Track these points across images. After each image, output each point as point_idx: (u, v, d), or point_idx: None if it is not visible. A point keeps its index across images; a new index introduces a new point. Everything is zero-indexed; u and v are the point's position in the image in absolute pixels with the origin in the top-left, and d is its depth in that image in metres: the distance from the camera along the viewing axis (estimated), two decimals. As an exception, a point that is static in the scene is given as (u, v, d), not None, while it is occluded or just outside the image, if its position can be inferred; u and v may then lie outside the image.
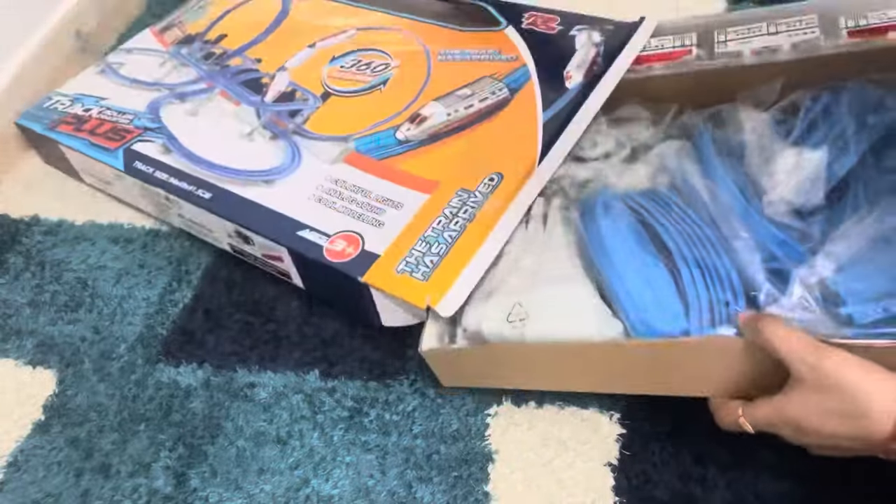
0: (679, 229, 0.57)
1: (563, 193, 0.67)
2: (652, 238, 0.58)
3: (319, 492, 0.59)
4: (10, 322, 0.74)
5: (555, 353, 0.56)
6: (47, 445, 0.65)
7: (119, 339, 0.71)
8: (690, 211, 0.58)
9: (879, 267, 0.52)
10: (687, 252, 0.56)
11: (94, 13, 1.02)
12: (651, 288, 0.55)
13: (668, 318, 0.53)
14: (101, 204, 0.84)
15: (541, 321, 0.56)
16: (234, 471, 0.61)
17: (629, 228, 0.59)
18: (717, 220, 0.57)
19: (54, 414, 0.67)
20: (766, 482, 0.56)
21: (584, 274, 0.58)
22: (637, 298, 0.55)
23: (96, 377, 0.69)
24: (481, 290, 0.61)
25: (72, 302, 0.75)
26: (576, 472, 0.58)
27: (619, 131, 0.69)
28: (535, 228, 0.65)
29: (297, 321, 0.71)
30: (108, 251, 0.79)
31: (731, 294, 0.53)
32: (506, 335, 0.57)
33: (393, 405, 0.64)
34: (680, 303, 0.54)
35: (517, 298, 0.58)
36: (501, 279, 0.61)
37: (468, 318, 0.60)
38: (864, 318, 0.50)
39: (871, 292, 0.50)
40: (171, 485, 0.61)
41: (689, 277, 0.54)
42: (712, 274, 0.54)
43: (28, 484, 0.63)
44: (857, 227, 0.53)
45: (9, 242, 0.81)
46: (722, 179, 0.60)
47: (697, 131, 0.65)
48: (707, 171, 0.61)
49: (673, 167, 0.63)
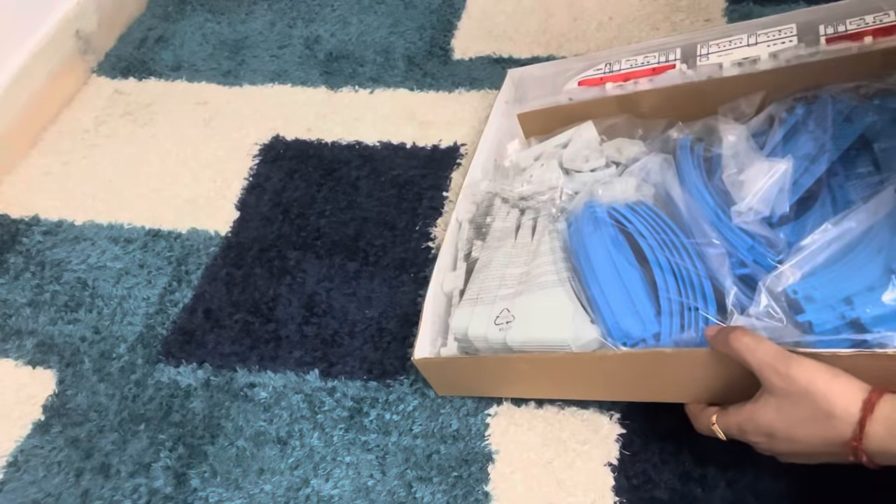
0: (657, 238, 0.59)
1: (552, 206, 0.68)
2: (632, 246, 0.60)
3: (319, 492, 0.59)
4: (10, 322, 0.74)
5: (536, 363, 0.58)
6: (47, 445, 0.65)
7: (119, 339, 0.71)
8: (669, 220, 0.60)
9: (839, 274, 0.53)
10: (662, 259, 0.58)
11: (94, 13, 1.02)
12: (627, 294, 0.57)
13: (641, 322, 0.55)
14: (101, 204, 0.84)
15: (523, 325, 0.58)
16: (234, 471, 0.61)
17: (611, 238, 0.60)
18: (692, 229, 0.59)
19: (54, 414, 0.67)
20: (766, 482, 0.56)
21: (567, 281, 0.60)
22: (613, 304, 0.57)
23: (96, 377, 0.69)
24: (470, 296, 0.64)
25: (72, 302, 0.75)
26: (576, 472, 0.58)
27: (611, 147, 0.72)
28: (524, 238, 0.67)
29: (296, 321, 0.71)
30: (108, 251, 0.79)
31: (701, 300, 0.55)
32: (490, 337, 0.59)
33: (393, 405, 0.64)
34: (653, 308, 0.56)
35: (505, 304, 0.61)
36: (491, 287, 0.64)
37: (457, 324, 0.62)
38: (823, 326, 0.51)
39: (831, 299, 0.52)
40: (171, 485, 0.61)
41: (663, 283, 0.56)
42: (685, 280, 0.56)
43: (28, 484, 0.63)
44: (820, 236, 0.55)
45: (9, 242, 0.81)
46: (697, 190, 0.62)
47: (678, 144, 0.67)
48: (684, 182, 0.63)
49: (656, 179, 0.65)
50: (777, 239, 0.58)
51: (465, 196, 0.73)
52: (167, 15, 1.10)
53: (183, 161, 0.88)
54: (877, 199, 0.55)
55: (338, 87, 0.95)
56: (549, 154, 0.74)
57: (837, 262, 0.54)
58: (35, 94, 0.93)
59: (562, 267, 0.61)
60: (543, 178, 0.70)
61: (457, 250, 0.70)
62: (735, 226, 0.58)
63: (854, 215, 0.55)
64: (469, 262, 0.69)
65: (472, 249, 0.70)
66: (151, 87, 0.99)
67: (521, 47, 0.94)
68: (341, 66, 0.98)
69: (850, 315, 0.51)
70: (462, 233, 0.71)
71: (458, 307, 0.64)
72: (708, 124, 0.67)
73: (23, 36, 0.92)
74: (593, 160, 0.70)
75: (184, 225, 0.80)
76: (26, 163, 0.90)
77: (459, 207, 0.72)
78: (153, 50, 1.04)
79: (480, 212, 0.72)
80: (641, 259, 0.59)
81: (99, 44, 1.04)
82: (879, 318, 0.51)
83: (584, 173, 0.70)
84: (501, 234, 0.68)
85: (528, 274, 0.62)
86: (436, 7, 1.02)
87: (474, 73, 0.91)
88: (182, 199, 0.83)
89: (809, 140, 0.62)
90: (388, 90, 0.93)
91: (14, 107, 0.90)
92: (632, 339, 0.55)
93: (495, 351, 0.59)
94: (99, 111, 0.97)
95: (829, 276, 0.53)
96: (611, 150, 0.71)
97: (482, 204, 0.73)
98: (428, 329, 0.63)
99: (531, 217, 0.68)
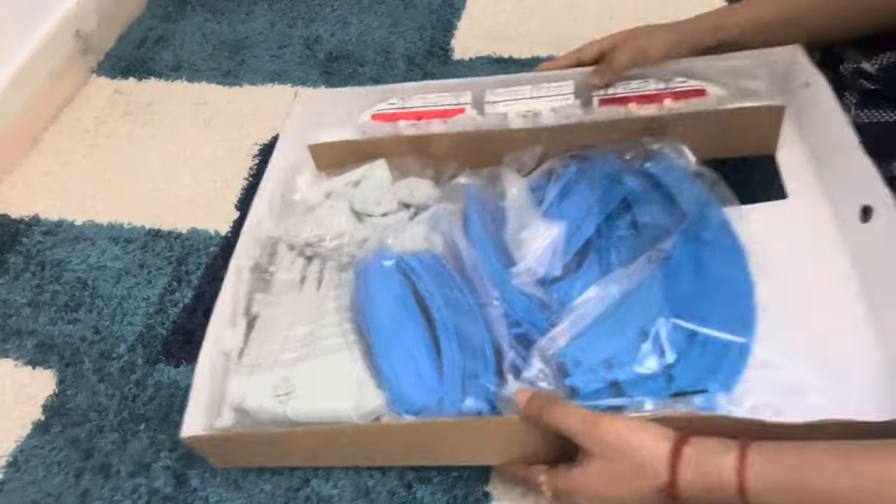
0: (444, 295, 0.60)
1: (339, 254, 0.67)
2: (419, 303, 0.60)
3: (319, 492, 0.59)
4: (10, 322, 0.74)
5: (319, 437, 0.57)
6: (47, 445, 0.65)
7: (119, 339, 0.71)
8: (457, 276, 0.61)
9: (601, 336, 0.56)
10: (449, 320, 0.58)
11: (94, 13, 1.02)
12: (411, 357, 0.57)
13: (424, 389, 0.55)
14: (101, 204, 0.84)
15: (302, 398, 0.56)
16: (234, 471, 0.61)
17: (398, 296, 0.61)
18: (475, 284, 0.60)
19: (54, 414, 0.67)
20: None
21: (354, 342, 0.59)
22: (397, 368, 0.57)
23: (96, 377, 0.69)
24: (249, 361, 0.61)
25: (72, 302, 0.75)
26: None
27: (403, 189, 0.71)
28: (309, 291, 0.65)
29: (297, 321, 0.71)
30: (108, 251, 0.79)
31: (482, 364, 0.56)
32: (269, 410, 0.57)
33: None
34: (437, 373, 0.56)
35: (286, 371, 0.58)
36: (271, 351, 0.61)
37: (233, 392, 0.59)
38: (587, 388, 0.54)
39: (593, 362, 0.54)
40: (171, 485, 0.61)
41: (448, 347, 0.57)
42: (468, 344, 0.57)
43: (28, 484, 0.63)
44: (585, 299, 0.58)
45: (9, 242, 0.81)
46: (482, 243, 0.64)
47: (467, 194, 0.68)
48: (469, 234, 0.64)
49: (445, 230, 0.65)
50: (551, 300, 0.60)
51: (247, 238, 0.68)
52: (167, 15, 1.10)
53: (183, 161, 0.88)
54: (635, 264, 0.59)
55: (338, 87, 0.95)
56: (340, 193, 0.72)
57: (601, 324, 0.57)
58: (35, 94, 0.93)
59: (348, 328, 0.60)
60: (332, 221, 0.68)
61: (235, 303, 0.65)
62: (514, 286, 0.61)
63: (615, 279, 0.58)
64: (249, 317, 0.64)
65: (252, 303, 0.65)
66: (151, 87, 0.99)
67: (521, 47, 0.94)
68: (341, 66, 0.98)
69: (609, 378, 0.54)
70: (242, 283, 0.66)
71: (235, 373, 0.60)
72: (494, 173, 0.69)
73: (23, 36, 0.92)
74: (385, 203, 0.70)
75: (184, 225, 0.80)
76: (26, 163, 0.90)
77: (239, 251, 0.67)
78: (153, 50, 1.04)
79: (264, 259, 0.68)
80: (428, 318, 0.59)
81: (99, 44, 1.04)
82: (633, 381, 0.53)
83: (375, 217, 0.69)
84: (285, 286, 0.66)
85: (312, 335, 0.60)
86: (436, 7, 1.02)
87: (474, 74, 0.91)
88: (182, 199, 0.83)
89: (581, 200, 0.66)
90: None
91: (14, 107, 0.90)
92: (415, 406, 0.55)
93: (277, 424, 0.57)
94: (99, 111, 0.97)
95: (593, 339, 0.56)
96: (403, 191, 0.71)
97: (266, 249, 0.69)
98: (202, 396, 0.58)
99: (317, 267, 0.67)
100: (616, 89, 0.71)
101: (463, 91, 0.75)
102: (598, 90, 0.71)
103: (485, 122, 0.72)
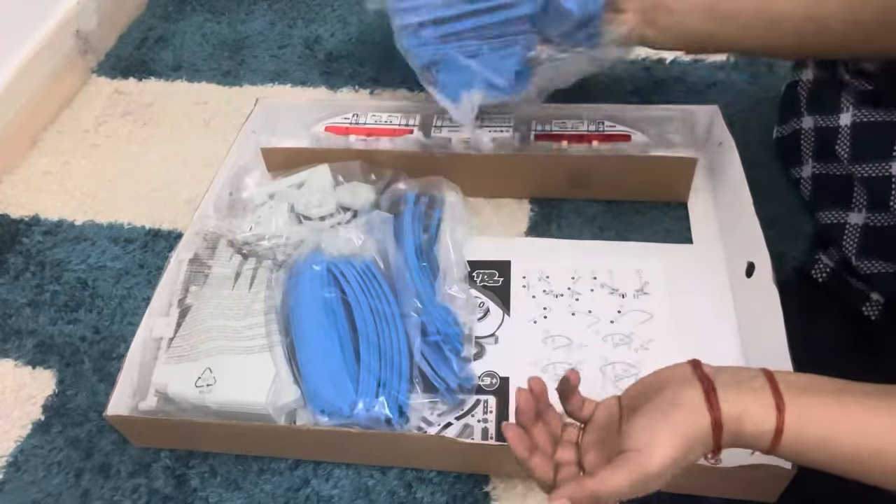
0: (369, 303, 0.63)
1: (276, 253, 0.69)
2: (345, 308, 0.64)
3: (319, 492, 0.59)
4: (10, 322, 0.74)
5: (231, 430, 0.59)
6: (47, 445, 0.65)
7: (119, 339, 0.71)
8: (385, 284, 0.65)
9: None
10: (371, 330, 0.62)
11: (94, 13, 1.02)
12: (331, 361, 0.60)
13: (340, 392, 0.59)
14: (101, 204, 0.84)
15: (222, 389, 0.59)
16: (234, 471, 0.61)
17: (325, 301, 0.64)
18: (399, 292, 0.65)
19: (54, 414, 0.67)
20: (766, 482, 0.56)
21: (277, 342, 0.62)
22: (317, 370, 0.60)
23: (96, 377, 0.69)
24: (176, 350, 0.64)
25: (72, 302, 0.75)
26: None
27: (345, 193, 0.74)
28: (242, 289, 0.67)
29: (297, 321, 0.71)
30: (108, 251, 0.79)
31: (396, 376, 0.60)
32: (189, 398, 0.60)
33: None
34: (353, 378, 0.60)
35: (209, 363, 0.61)
36: (198, 342, 0.63)
37: (159, 378, 0.62)
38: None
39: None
40: (171, 485, 0.61)
41: (367, 354, 0.61)
42: (386, 354, 0.61)
43: (28, 484, 0.63)
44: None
45: (9, 242, 0.81)
46: (412, 253, 0.68)
47: (404, 199, 0.73)
48: (400, 242, 0.69)
49: (378, 237, 0.68)
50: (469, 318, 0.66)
51: (192, 232, 0.72)
52: (167, 15, 1.10)
53: (183, 161, 0.88)
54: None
55: (338, 87, 0.95)
56: (282, 194, 0.75)
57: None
58: (35, 94, 0.93)
59: (273, 329, 0.63)
60: (271, 221, 0.71)
61: (171, 293, 0.68)
62: (436, 300, 0.65)
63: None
64: (182, 307, 0.67)
65: (186, 295, 0.68)
66: (151, 87, 0.99)
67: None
68: (341, 66, 0.98)
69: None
70: (180, 274, 0.69)
71: (163, 360, 0.63)
72: (431, 181, 0.75)
73: (23, 36, 0.92)
74: (325, 206, 0.72)
75: (184, 225, 0.80)
76: (26, 163, 0.90)
77: (182, 244, 0.71)
78: (153, 50, 1.04)
79: (205, 253, 0.71)
80: (350, 324, 0.63)
81: (99, 44, 1.04)
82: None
83: (314, 220, 0.72)
84: (218, 281, 0.68)
85: (237, 332, 0.63)
86: (436, 7, 1.02)
87: (474, 74, 0.91)
88: (182, 199, 0.84)
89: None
90: (388, 90, 0.93)
91: (14, 107, 0.89)
92: (329, 406, 0.58)
93: (198, 411, 0.60)
94: (99, 111, 0.97)
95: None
96: (345, 195, 0.73)
97: (208, 243, 0.72)
98: (131, 378, 0.62)
99: (252, 265, 0.68)
100: (552, 127, 0.76)
101: (413, 114, 0.80)
102: (537, 126, 0.76)
103: (429, 143, 0.77)
